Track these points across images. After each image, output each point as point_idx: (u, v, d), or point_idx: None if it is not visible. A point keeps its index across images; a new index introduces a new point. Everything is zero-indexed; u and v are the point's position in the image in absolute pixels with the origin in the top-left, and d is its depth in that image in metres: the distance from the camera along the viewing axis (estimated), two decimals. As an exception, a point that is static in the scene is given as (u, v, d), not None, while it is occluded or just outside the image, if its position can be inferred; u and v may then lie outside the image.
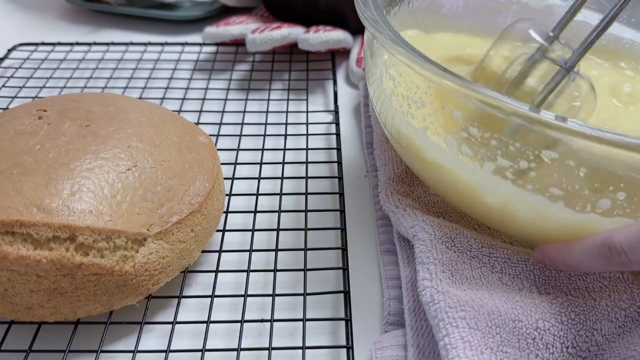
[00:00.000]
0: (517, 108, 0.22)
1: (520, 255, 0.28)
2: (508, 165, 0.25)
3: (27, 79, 0.47)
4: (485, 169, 0.26)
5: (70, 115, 0.30)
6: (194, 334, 0.28)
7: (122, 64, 0.49)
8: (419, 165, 0.30)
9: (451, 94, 0.26)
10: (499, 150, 0.25)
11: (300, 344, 0.26)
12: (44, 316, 0.26)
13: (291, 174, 0.37)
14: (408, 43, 0.26)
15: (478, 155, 0.26)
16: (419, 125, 0.28)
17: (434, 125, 0.27)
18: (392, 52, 0.27)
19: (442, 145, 0.27)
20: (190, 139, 0.32)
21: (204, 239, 0.29)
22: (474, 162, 0.26)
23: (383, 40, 0.27)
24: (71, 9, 0.61)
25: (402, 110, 0.29)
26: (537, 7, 0.41)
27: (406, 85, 0.29)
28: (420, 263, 0.26)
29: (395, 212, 0.31)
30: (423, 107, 0.28)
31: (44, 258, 0.24)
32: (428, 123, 0.28)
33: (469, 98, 0.24)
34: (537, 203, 0.25)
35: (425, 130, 0.28)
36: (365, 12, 0.29)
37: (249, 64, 0.50)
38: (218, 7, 0.58)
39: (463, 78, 0.23)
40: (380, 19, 0.29)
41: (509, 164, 0.25)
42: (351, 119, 0.44)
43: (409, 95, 0.29)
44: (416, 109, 0.28)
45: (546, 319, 0.24)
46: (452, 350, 0.23)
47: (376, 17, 0.29)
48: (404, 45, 0.26)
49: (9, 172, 0.26)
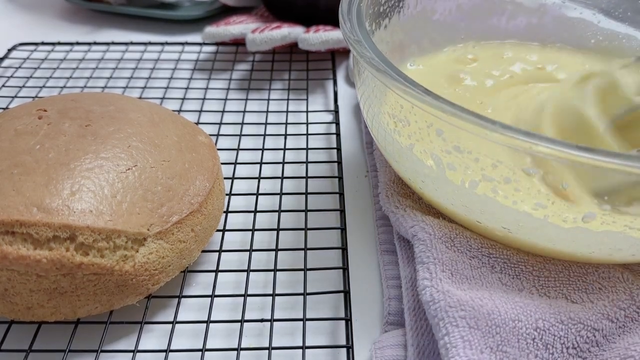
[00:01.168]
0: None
1: (520, 255, 0.28)
2: (493, 182, 0.25)
3: (27, 78, 0.47)
4: (471, 186, 0.26)
5: (70, 115, 0.30)
6: (194, 334, 0.28)
7: (122, 63, 0.49)
8: (410, 179, 0.30)
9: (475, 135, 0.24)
10: (483, 170, 0.25)
11: (300, 344, 0.26)
12: (44, 316, 0.26)
13: (291, 173, 0.37)
14: (398, 70, 0.25)
15: (464, 173, 0.26)
16: (406, 143, 0.28)
17: (420, 143, 0.27)
18: (385, 83, 0.26)
19: (428, 162, 0.27)
20: (190, 138, 0.32)
21: (204, 238, 0.29)
22: (461, 179, 0.26)
23: (368, 68, 0.26)
24: (71, 8, 0.61)
25: (389, 127, 0.29)
26: (531, 6, 0.41)
27: (391, 105, 0.29)
28: (420, 263, 0.26)
29: (395, 213, 0.31)
30: (408, 125, 0.28)
31: (44, 258, 0.24)
32: (414, 140, 0.28)
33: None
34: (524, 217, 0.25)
35: (412, 148, 0.28)
36: (349, 34, 0.29)
37: (249, 63, 0.50)
38: (218, 7, 0.58)
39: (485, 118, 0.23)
40: (364, 39, 0.28)
41: (494, 181, 0.25)
42: (351, 119, 0.44)
43: (394, 114, 0.28)
44: (402, 126, 0.28)
45: (546, 318, 0.24)
46: (452, 349, 0.23)
47: (360, 38, 0.28)
48: (397, 76, 0.25)
49: (9, 172, 0.26)
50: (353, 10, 0.31)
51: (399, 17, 0.37)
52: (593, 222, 0.25)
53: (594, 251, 0.26)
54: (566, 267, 0.27)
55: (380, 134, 0.30)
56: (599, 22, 0.39)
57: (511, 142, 0.22)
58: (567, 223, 0.25)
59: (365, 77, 0.30)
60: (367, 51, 0.27)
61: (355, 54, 0.28)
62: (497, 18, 0.41)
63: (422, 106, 0.24)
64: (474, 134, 0.23)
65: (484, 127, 0.22)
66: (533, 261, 0.28)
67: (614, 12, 0.31)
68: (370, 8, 0.33)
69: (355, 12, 0.30)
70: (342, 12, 0.30)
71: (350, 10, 0.31)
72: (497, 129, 0.22)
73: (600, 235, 0.25)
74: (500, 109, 0.34)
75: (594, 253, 0.26)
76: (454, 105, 0.23)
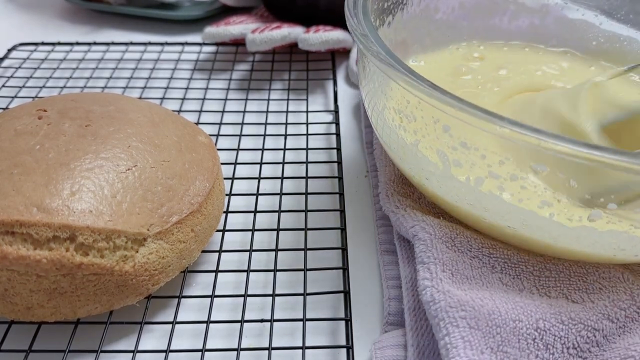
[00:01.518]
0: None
1: (520, 255, 0.28)
2: (499, 180, 0.25)
3: (27, 79, 0.47)
4: (477, 183, 0.26)
5: (70, 115, 0.30)
6: (193, 334, 0.28)
7: (122, 64, 0.49)
8: (414, 176, 0.30)
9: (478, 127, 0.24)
10: (490, 167, 0.25)
11: (300, 344, 0.26)
12: (44, 316, 0.26)
13: (291, 173, 0.37)
14: (404, 64, 0.25)
15: (470, 170, 0.26)
16: (411, 139, 0.28)
17: (426, 139, 0.27)
18: (389, 75, 0.26)
19: (433, 159, 0.27)
20: (190, 139, 0.32)
21: (204, 239, 0.29)
22: (466, 176, 0.26)
23: (375, 62, 0.26)
24: (71, 8, 0.61)
25: (394, 123, 0.29)
26: (533, 7, 0.41)
27: (397, 100, 0.28)
28: (420, 263, 0.26)
29: (395, 213, 0.31)
30: (414, 121, 0.28)
31: (44, 258, 0.24)
32: (420, 137, 0.28)
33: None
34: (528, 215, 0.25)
35: (417, 144, 0.28)
36: (355, 27, 0.29)
37: (249, 64, 0.50)
38: (218, 7, 0.58)
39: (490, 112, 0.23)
40: (370, 33, 0.28)
41: (500, 178, 0.25)
42: (351, 119, 0.44)
43: (400, 109, 0.28)
44: (407, 122, 0.28)
45: (547, 319, 0.24)
46: (453, 349, 0.23)
47: (366, 32, 0.28)
48: (403, 70, 0.25)
49: (9, 172, 0.26)
50: (359, 5, 0.31)
51: (402, 15, 0.37)
52: (599, 221, 0.24)
53: (598, 251, 0.26)
54: (567, 267, 0.27)
55: (384, 131, 0.30)
56: (600, 23, 0.39)
57: (520, 137, 0.22)
58: (572, 222, 0.25)
59: (371, 71, 0.30)
60: (373, 45, 0.27)
61: (361, 47, 0.28)
62: (500, 18, 0.41)
63: (429, 101, 0.24)
64: (482, 129, 0.23)
65: (493, 123, 0.22)
66: (534, 261, 0.28)
67: (616, 14, 0.31)
68: (375, 4, 0.33)
69: (361, 7, 0.31)
70: (348, 7, 0.30)
71: (357, 5, 0.31)
72: (506, 124, 0.22)
73: (605, 235, 0.25)
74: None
75: (597, 252, 0.26)
76: (462, 101, 0.23)
